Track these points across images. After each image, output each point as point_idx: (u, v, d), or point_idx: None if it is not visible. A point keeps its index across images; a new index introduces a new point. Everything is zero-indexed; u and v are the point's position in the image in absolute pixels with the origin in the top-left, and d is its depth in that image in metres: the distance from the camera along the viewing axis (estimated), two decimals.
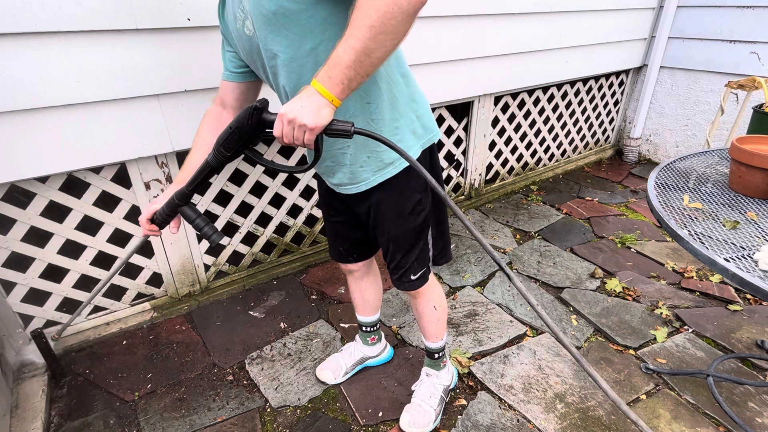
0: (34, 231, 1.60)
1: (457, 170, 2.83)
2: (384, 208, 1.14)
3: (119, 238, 1.75)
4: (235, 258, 2.12)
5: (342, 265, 1.45)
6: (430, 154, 1.16)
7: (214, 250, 2.03)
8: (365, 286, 1.51)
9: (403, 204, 1.13)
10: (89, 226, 1.69)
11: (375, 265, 1.52)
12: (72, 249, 1.68)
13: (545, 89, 3.01)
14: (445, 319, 1.42)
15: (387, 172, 1.09)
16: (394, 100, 1.03)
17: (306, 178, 2.17)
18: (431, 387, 1.47)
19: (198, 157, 1.08)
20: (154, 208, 1.09)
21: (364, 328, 1.61)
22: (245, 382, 1.62)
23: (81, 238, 1.69)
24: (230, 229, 2.02)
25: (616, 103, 3.60)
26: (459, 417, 1.48)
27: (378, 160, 1.07)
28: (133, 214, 1.75)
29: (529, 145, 3.15)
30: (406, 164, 1.09)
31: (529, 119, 3.03)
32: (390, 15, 0.73)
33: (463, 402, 1.54)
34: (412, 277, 1.24)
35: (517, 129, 3.00)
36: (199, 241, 1.95)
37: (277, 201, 2.12)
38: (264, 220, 2.11)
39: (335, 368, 1.61)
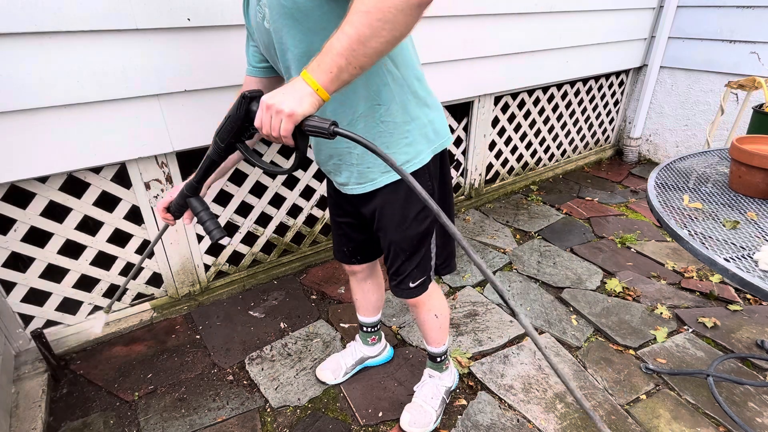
0: (34, 231, 1.60)
1: (457, 170, 2.83)
2: (388, 212, 1.12)
3: (119, 238, 1.75)
4: (235, 258, 2.12)
5: (345, 266, 1.45)
6: (441, 159, 1.13)
7: (214, 250, 2.03)
8: (368, 288, 1.51)
9: (408, 209, 1.11)
10: (89, 226, 1.69)
11: (378, 268, 1.52)
12: (72, 249, 1.68)
13: (545, 89, 3.01)
14: (446, 325, 1.40)
15: (394, 174, 1.07)
16: (406, 103, 1.01)
17: (306, 179, 2.17)
18: (433, 388, 1.47)
19: None
20: (170, 198, 1.08)
21: (364, 329, 1.61)
22: (245, 382, 1.62)
23: (81, 238, 1.69)
24: (230, 229, 2.02)
25: (616, 103, 3.60)
26: (459, 417, 1.48)
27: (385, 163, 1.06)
28: (133, 214, 1.75)
29: (529, 145, 3.15)
30: (415, 167, 1.06)
31: (529, 119, 3.03)
32: (387, 4, 0.69)
33: (463, 402, 1.54)
34: (411, 285, 1.22)
35: (517, 129, 3.00)
36: (199, 240, 1.95)
37: (277, 201, 2.12)
38: (264, 220, 2.11)
39: (335, 368, 1.61)
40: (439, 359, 1.47)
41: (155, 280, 1.91)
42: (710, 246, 1.07)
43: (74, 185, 1.62)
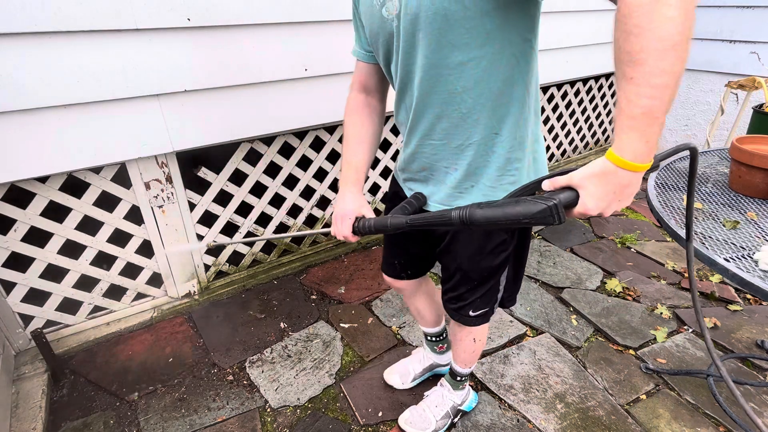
0: (34, 231, 1.60)
1: None
2: (465, 239, 1.04)
3: (119, 238, 1.75)
4: (235, 258, 2.12)
5: (391, 282, 1.34)
6: None
7: (214, 249, 2.03)
8: (419, 304, 1.42)
9: (487, 241, 1.03)
10: (89, 226, 1.69)
11: (426, 283, 1.40)
12: (72, 249, 1.68)
13: (545, 89, 3.01)
14: (480, 351, 1.34)
15: None
16: (523, 138, 0.91)
17: (306, 179, 2.17)
18: (440, 397, 1.42)
19: (363, 150, 1.03)
20: (351, 222, 0.97)
21: (428, 338, 1.53)
22: (245, 382, 1.62)
23: (81, 238, 1.69)
24: (230, 229, 2.02)
25: (616, 103, 3.60)
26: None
27: (482, 194, 0.95)
28: (132, 214, 1.75)
29: None
30: None
31: None
32: (688, 26, 0.55)
33: None
34: (472, 313, 1.14)
35: None
36: (200, 240, 1.95)
37: (277, 201, 2.11)
38: (264, 220, 2.11)
39: (404, 372, 1.57)
40: (458, 378, 1.40)
41: (155, 280, 1.91)
42: (710, 246, 1.07)
43: (74, 185, 1.62)
